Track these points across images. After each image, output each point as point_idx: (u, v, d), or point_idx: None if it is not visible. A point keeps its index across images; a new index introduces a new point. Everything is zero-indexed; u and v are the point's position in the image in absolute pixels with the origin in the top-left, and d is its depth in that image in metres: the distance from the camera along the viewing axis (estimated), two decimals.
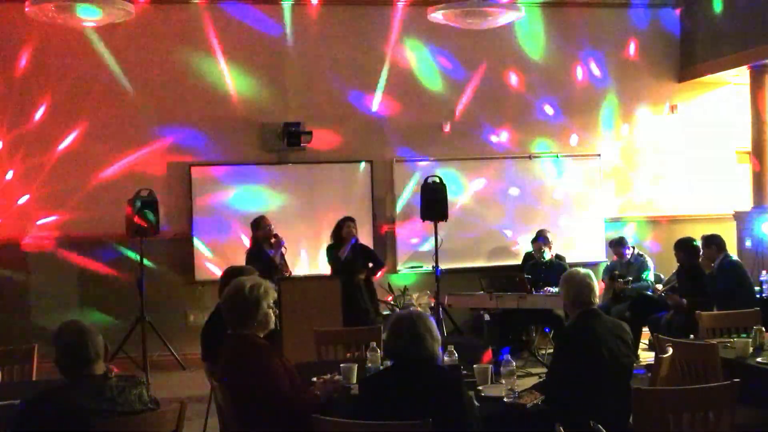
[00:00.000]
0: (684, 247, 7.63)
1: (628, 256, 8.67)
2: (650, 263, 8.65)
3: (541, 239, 8.64)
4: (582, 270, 4.28)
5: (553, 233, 8.85)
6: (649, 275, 8.58)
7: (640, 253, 8.76)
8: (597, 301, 4.23)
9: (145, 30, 8.85)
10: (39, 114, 8.70)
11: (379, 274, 8.67)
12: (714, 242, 7.39)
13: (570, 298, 4.19)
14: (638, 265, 8.60)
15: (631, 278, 8.50)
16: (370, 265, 8.30)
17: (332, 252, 8.16)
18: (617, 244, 8.73)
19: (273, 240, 8.04)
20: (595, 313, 4.16)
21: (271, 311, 3.94)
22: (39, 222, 8.68)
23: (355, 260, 8.15)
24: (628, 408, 3.73)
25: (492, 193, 9.54)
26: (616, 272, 8.58)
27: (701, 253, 7.52)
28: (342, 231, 8.13)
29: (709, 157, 10.12)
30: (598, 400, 3.86)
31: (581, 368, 3.94)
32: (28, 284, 8.67)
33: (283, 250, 8.09)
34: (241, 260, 7.76)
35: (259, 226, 8.09)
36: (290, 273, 8.17)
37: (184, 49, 8.99)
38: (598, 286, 4.26)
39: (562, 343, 4.43)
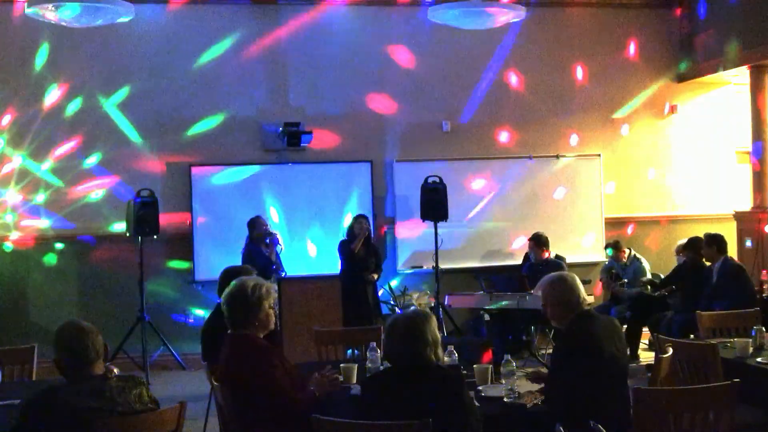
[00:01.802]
0: (693, 246, 7.67)
1: (625, 259, 8.67)
2: (646, 266, 8.64)
3: (529, 241, 8.65)
4: (564, 273, 4.25)
5: (553, 233, 8.84)
6: (645, 278, 8.57)
7: (637, 256, 8.75)
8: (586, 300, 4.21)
9: (147, 30, 8.85)
10: (40, 112, 8.70)
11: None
12: (715, 242, 7.36)
13: (563, 302, 4.05)
14: (634, 268, 8.60)
15: (626, 280, 8.50)
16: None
17: (345, 246, 8.27)
18: (613, 248, 8.74)
19: (268, 240, 8.05)
20: (589, 314, 4.13)
21: (272, 311, 3.94)
22: (39, 222, 8.68)
23: (368, 258, 8.22)
24: (628, 408, 3.72)
25: (492, 193, 9.54)
26: (614, 271, 8.58)
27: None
28: (354, 228, 8.28)
29: (709, 157, 10.12)
30: (599, 400, 3.86)
31: (583, 372, 3.92)
32: (28, 284, 8.67)
33: (278, 249, 8.10)
34: (240, 260, 7.77)
35: (255, 226, 8.10)
36: (284, 273, 8.17)
37: (185, 48, 8.99)
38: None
39: (562, 347, 4.39)
